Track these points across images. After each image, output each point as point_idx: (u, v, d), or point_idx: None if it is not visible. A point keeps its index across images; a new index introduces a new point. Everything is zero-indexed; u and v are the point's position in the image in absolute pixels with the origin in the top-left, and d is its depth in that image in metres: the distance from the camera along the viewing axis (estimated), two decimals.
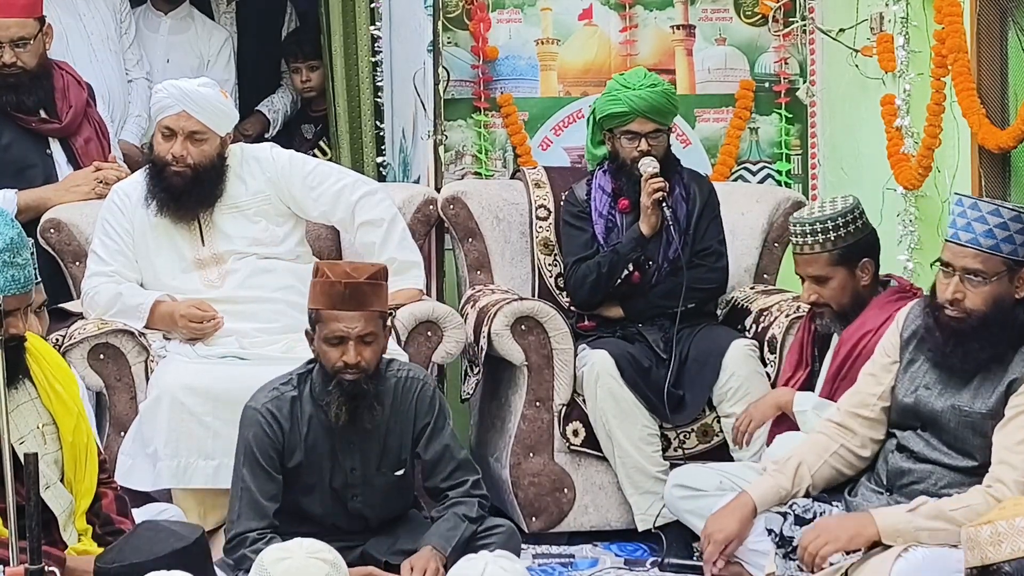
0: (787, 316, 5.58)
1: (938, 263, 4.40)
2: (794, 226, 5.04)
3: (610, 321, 5.78)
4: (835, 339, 5.11)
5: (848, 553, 4.39)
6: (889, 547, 4.26)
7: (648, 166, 5.66)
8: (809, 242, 4.99)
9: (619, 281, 5.72)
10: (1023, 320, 4.32)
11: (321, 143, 7.10)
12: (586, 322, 5.81)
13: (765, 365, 5.56)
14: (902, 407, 4.52)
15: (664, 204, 5.65)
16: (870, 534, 4.29)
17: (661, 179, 5.64)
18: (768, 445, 5.12)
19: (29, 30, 5.79)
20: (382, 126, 6.59)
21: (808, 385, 5.15)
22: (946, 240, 4.39)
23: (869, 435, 4.60)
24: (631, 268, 5.72)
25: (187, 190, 5.53)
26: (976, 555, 3.85)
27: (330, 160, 6.38)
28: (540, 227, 6.07)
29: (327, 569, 3.95)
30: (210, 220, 5.60)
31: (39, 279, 4.78)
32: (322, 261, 4.81)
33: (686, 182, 5.83)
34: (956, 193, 4.39)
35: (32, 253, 4.13)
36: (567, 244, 5.87)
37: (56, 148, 5.96)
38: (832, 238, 4.98)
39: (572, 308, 5.88)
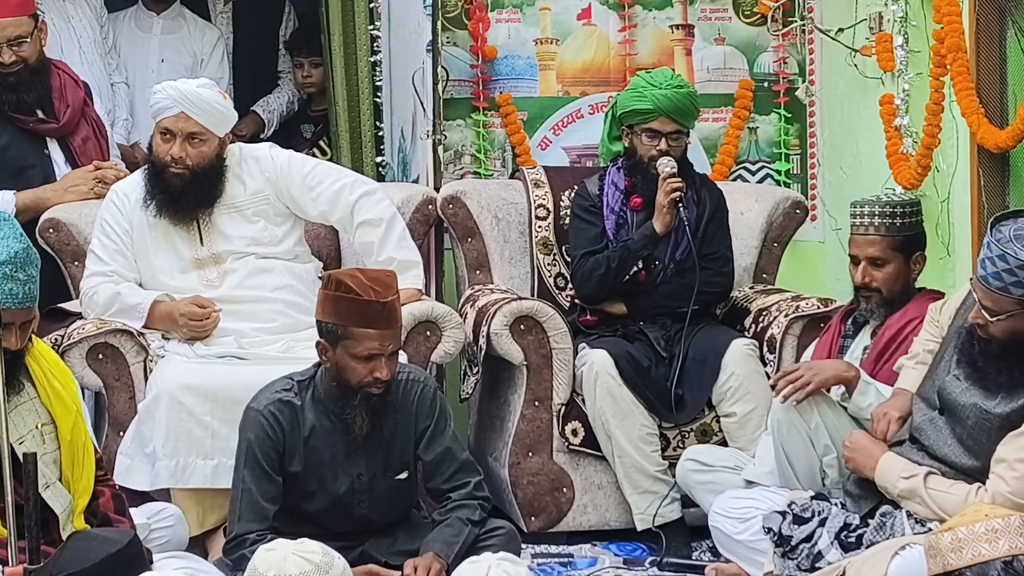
0: (786, 316, 5.58)
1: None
2: (861, 206, 5.08)
3: (612, 317, 5.78)
4: (860, 337, 5.11)
5: (846, 552, 4.41)
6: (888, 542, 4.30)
7: (666, 166, 5.67)
8: (876, 223, 5.04)
9: (626, 278, 5.72)
10: None
11: (320, 143, 7.10)
12: (588, 316, 5.81)
13: (764, 365, 5.56)
14: (932, 381, 4.55)
15: (680, 204, 5.66)
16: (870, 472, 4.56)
17: (679, 179, 5.65)
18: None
19: (25, 28, 5.79)
20: (381, 126, 6.58)
21: None
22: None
23: None
24: (639, 266, 5.72)
25: (186, 191, 5.53)
26: (938, 562, 3.89)
27: (329, 160, 6.38)
28: (539, 227, 6.07)
29: (307, 567, 3.91)
30: (209, 220, 5.60)
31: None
32: (335, 272, 4.74)
33: (698, 186, 5.84)
34: (990, 223, 4.35)
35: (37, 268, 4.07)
36: (576, 237, 5.86)
37: (54, 148, 5.96)
38: (898, 224, 5.04)
39: (576, 301, 5.88)
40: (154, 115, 5.58)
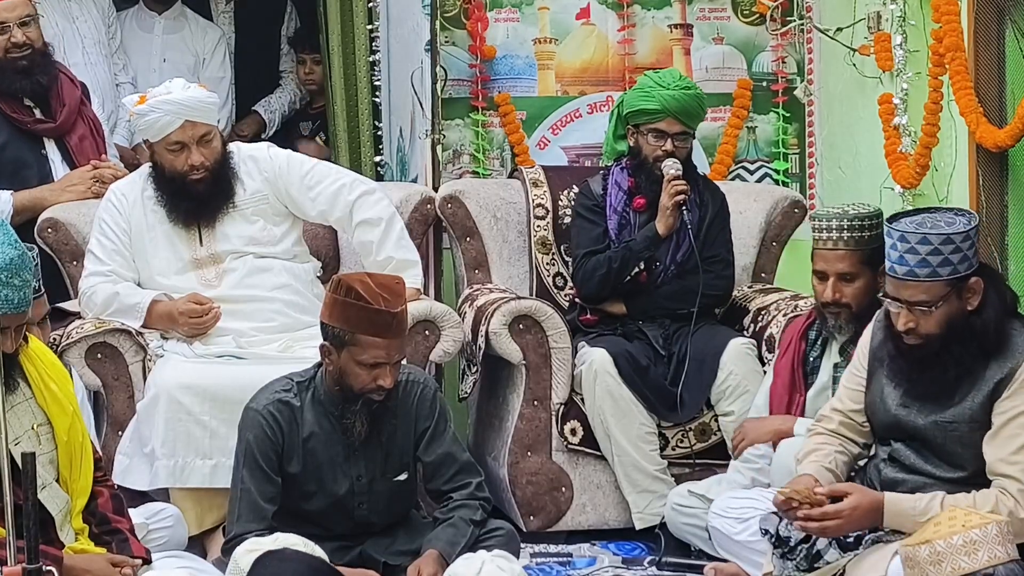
0: (785, 315, 5.58)
1: (882, 294, 4.33)
2: (826, 220, 4.96)
3: (612, 317, 5.78)
4: (827, 355, 5.08)
5: (845, 552, 4.40)
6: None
7: (672, 167, 5.67)
8: (845, 237, 4.93)
9: (627, 278, 5.72)
10: (982, 328, 4.24)
11: (317, 139, 7.10)
12: (588, 316, 5.81)
13: (763, 364, 5.56)
14: (884, 423, 4.44)
15: (683, 207, 5.66)
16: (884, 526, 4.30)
17: (684, 182, 5.65)
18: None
19: (30, 9, 5.90)
20: (380, 125, 6.59)
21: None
22: (886, 272, 4.32)
23: (862, 440, 4.57)
24: (640, 267, 5.72)
25: (212, 192, 5.54)
26: (917, 574, 3.85)
27: (327, 158, 6.38)
28: (538, 226, 6.07)
29: None
30: (208, 220, 5.60)
31: (41, 291, 4.79)
32: (344, 276, 4.69)
33: (701, 189, 5.84)
34: (887, 223, 4.30)
35: (35, 269, 4.07)
36: (578, 236, 5.86)
37: (51, 147, 5.97)
38: (866, 237, 4.93)
39: (576, 300, 5.88)
40: (155, 133, 5.51)
